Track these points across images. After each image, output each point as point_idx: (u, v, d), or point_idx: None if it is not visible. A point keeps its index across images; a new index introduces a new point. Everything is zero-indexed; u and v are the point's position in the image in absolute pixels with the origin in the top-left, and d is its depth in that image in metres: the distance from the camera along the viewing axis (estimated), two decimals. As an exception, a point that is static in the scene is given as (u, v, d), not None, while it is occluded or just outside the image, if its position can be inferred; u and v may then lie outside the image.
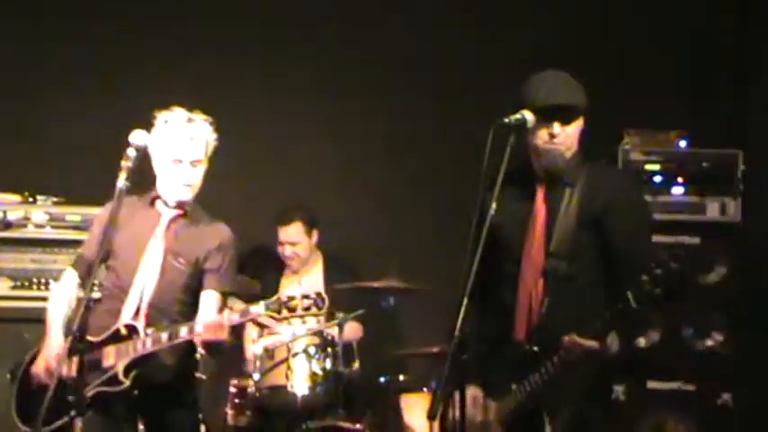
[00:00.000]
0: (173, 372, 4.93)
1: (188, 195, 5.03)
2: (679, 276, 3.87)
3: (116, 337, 4.82)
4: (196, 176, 5.01)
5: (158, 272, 4.94)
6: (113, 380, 4.74)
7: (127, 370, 4.75)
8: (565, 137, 4.24)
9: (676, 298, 3.90)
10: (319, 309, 4.67)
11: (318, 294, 4.68)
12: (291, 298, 4.66)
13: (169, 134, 4.94)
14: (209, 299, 4.99)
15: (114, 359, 4.76)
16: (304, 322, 6.00)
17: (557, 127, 4.23)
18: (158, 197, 5.07)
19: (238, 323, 4.86)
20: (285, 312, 4.65)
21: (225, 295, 5.07)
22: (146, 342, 4.75)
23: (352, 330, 6.44)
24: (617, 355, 4.08)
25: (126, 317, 4.86)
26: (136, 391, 4.77)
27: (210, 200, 5.16)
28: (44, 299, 5.44)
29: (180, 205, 5.05)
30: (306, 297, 4.66)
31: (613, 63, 6.95)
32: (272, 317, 4.71)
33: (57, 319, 4.96)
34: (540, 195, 4.30)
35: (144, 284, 4.91)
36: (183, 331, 4.73)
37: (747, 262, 6.42)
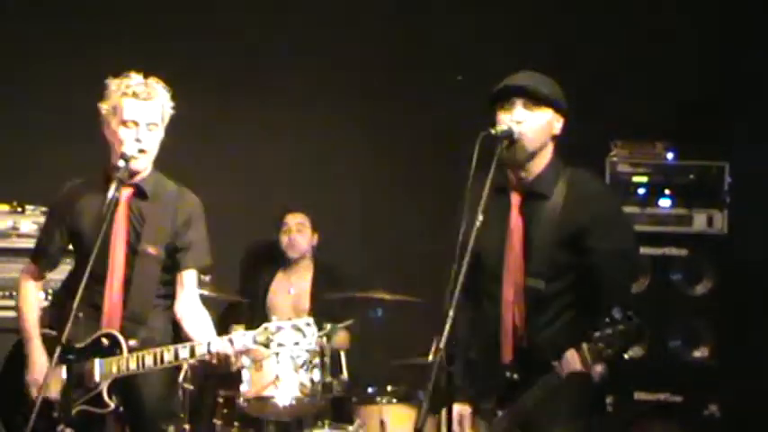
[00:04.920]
0: (159, 383, 4.80)
1: (143, 163, 4.66)
2: (626, 339, 3.73)
3: (98, 348, 4.60)
4: (151, 141, 4.65)
5: (126, 261, 4.66)
6: (98, 400, 4.57)
7: (111, 389, 4.58)
8: (527, 125, 3.99)
9: (625, 354, 3.78)
10: (307, 342, 4.48)
11: (307, 324, 4.47)
12: (280, 328, 4.47)
13: (123, 96, 4.63)
14: (189, 279, 4.76)
15: (98, 377, 4.57)
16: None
17: (519, 109, 4.00)
18: (111, 176, 4.63)
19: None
20: (274, 347, 4.47)
21: (203, 270, 4.94)
22: (129, 364, 4.54)
23: (340, 340, 6.44)
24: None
25: (104, 318, 4.65)
26: (122, 408, 4.62)
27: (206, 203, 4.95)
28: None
29: (134, 176, 4.68)
30: (297, 329, 4.45)
31: (601, 74, 6.97)
32: (257, 350, 4.55)
33: (34, 330, 4.74)
34: (515, 208, 4.10)
35: (115, 276, 4.65)
36: (167, 356, 4.51)
37: (734, 274, 6.44)
